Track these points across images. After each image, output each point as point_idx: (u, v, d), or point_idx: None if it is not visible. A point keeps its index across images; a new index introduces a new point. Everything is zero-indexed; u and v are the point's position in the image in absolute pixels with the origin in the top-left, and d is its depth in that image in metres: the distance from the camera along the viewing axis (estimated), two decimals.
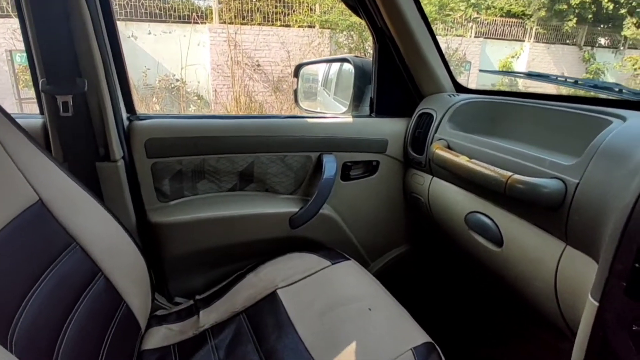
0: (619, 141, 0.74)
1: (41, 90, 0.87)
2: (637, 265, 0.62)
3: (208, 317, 0.96)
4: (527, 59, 9.49)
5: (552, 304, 0.85)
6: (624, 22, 9.19)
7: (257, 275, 1.06)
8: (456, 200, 1.09)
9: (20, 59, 6.10)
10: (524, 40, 9.72)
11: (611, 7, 8.94)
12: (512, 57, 9.28)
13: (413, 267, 1.45)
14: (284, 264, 1.08)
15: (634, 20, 9.03)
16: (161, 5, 7.62)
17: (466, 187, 1.05)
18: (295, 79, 1.53)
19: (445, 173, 1.10)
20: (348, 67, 1.32)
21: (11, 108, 6.06)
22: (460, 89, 1.26)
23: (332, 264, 1.06)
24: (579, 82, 1.01)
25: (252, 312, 0.95)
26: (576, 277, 0.77)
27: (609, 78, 9.66)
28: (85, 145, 0.94)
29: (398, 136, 1.25)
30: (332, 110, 1.74)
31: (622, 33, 9.31)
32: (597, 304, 0.67)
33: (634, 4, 8.96)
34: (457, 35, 8.05)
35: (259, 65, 7.33)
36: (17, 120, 0.72)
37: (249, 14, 7.94)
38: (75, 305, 0.70)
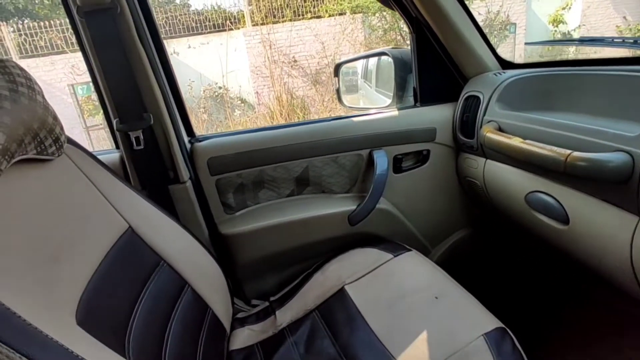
0: None
1: (116, 129, 0.98)
2: None
3: (284, 316, 1.04)
4: (582, 8, 8.67)
5: (629, 277, 0.82)
6: None
7: (323, 274, 1.12)
8: (514, 181, 1.07)
9: (82, 91, 6.68)
10: None
11: None
12: (563, 9, 8.51)
13: (475, 250, 1.44)
14: (348, 261, 1.13)
15: None
16: (196, 17, 7.93)
17: (523, 168, 1.03)
18: (336, 79, 1.56)
19: (500, 155, 1.08)
20: (387, 59, 1.32)
21: (79, 136, 6.66)
22: (505, 65, 1.22)
23: (395, 256, 1.09)
24: (638, 41, 0.94)
25: (324, 309, 1.01)
26: None
27: None
28: (157, 171, 1.05)
29: (446, 122, 1.24)
30: (375, 103, 1.74)
31: None
32: None
33: None
34: None
35: (295, 61, 7.41)
36: (98, 157, 0.83)
37: (279, 12, 8.02)
38: (171, 315, 0.80)
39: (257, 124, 6.06)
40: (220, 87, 7.29)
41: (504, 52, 7.32)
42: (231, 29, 7.39)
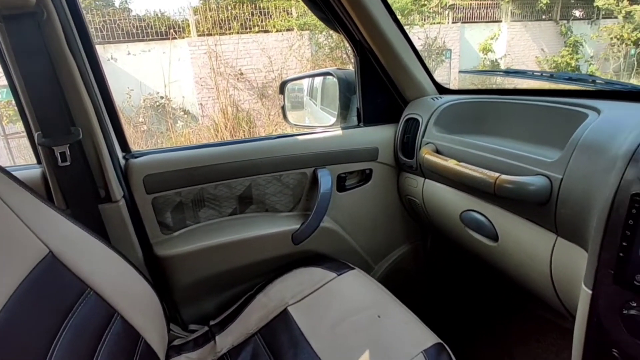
0: (595, 136, 0.78)
1: (37, 143, 0.89)
2: (621, 254, 0.66)
3: (224, 341, 0.99)
4: (507, 39, 9.57)
5: (551, 291, 0.89)
6: None
7: (266, 295, 1.09)
8: (450, 200, 1.12)
9: (1, 95, 6.06)
10: (501, 21, 9.80)
11: None
12: (492, 38, 9.35)
13: (415, 266, 1.49)
14: (291, 281, 1.12)
15: None
16: (137, 23, 7.60)
17: (458, 188, 1.09)
18: (282, 96, 1.56)
19: (437, 176, 1.13)
20: (332, 79, 1.35)
21: None
22: (442, 90, 1.30)
23: (338, 275, 1.10)
24: (554, 75, 1.05)
25: (267, 332, 0.98)
26: (569, 267, 0.81)
27: (587, 49, 9.78)
28: (86, 189, 0.96)
29: (388, 143, 1.29)
30: (320, 120, 1.77)
31: (595, 4, 9.42)
32: (590, 291, 0.71)
33: None
34: (436, 23, 8.11)
35: (241, 73, 7.34)
36: (15, 173, 0.74)
37: (226, 23, 7.94)
38: (97, 348, 0.73)
39: (200, 136, 5.88)
40: (162, 97, 7.00)
41: (441, 74, 7.84)
42: (175, 38, 7.16)
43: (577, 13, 10.57)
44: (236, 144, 1.15)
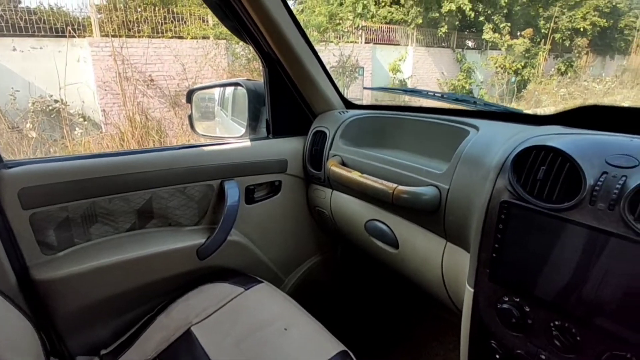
0: (474, 150, 0.88)
1: None
2: (494, 255, 0.75)
3: None
4: (413, 61, 10.46)
5: (444, 293, 0.97)
6: (484, 28, 10.69)
7: (168, 316, 1.02)
8: (355, 210, 1.17)
9: None
10: (407, 45, 10.69)
11: (472, 15, 10.33)
12: (400, 60, 10.14)
13: (325, 276, 1.52)
14: (196, 298, 1.06)
15: (491, 26, 10.56)
16: (26, 17, 6.74)
17: (362, 198, 1.14)
18: (189, 105, 1.49)
19: (343, 187, 1.18)
20: (242, 90, 1.33)
21: None
22: (349, 105, 1.36)
23: (245, 289, 1.07)
24: (444, 95, 1.17)
25: (167, 356, 0.91)
26: (457, 268, 0.89)
27: (478, 75, 11.13)
28: None
29: (297, 154, 1.30)
30: (231, 131, 1.73)
31: (483, 37, 10.80)
32: (472, 290, 0.79)
33: (489, 12, 10.47)
34: (350, 42, 8.55)
35: (152, 80, 6.91)
36: None
37: (135, 26, 7.44)
38: None
39: (102, 146, 5.37)
40: (56, 101, 6.26)
41: (355, 89, 8.25)
42: (74, 36, 6.49)
43: (469, 43, 11.99)
44: (135, 154, 1.06)
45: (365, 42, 9.81)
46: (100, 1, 7.45)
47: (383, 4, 11.03)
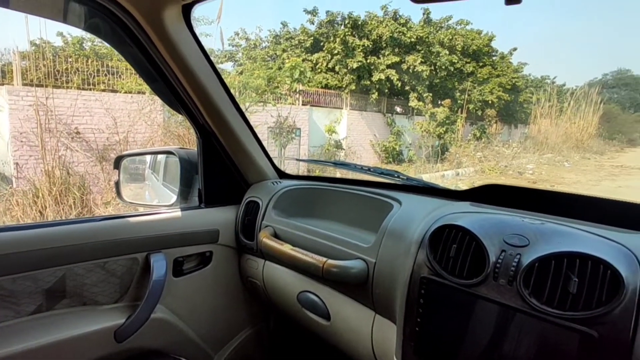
0: (397, 224, 0.94)
1: None
2: (417, 329, 0.79)
3: None
4: (347, 123, 11.12)
5: None
6: (409, 96, 11.86)
7: None
8: (288, 281, 1.17)
9: None
10: (342, 108, 11.41)
11: (399, 84, 11.47)
12: (335, 122, 10.73)
13: (259, 349, 1.45)
14: None
15: (416, 95, 11.76)
16: None
17: (295, 269, 1.14)
18: (117, 171, 1.44)
19: (275, 258, 1.18)
20: (175, 158, 1.32)
21: None
22: (282, 175, 1.40)
23: None
24: (371, 169, 1.26)
25: None
26: (385, 341, 0.91)
27: (407, 138, 12.09)
28: None
29: (229, 224, 1.29)
30: (162, 196, 1.68)
31: (410, 104, 11.94)
32: None
33: (413, 83, 11.71)
34: (288, 104, 8.93)
35: (78, 132, 6.53)
36: None
37: (64, 76, 7.13)
38: None
39: (10, 202, 4.83)
40: None
41: (292, 148, 8.48)
42: None
43: (398, 109, 13.12)
44: (45, 227, 0.98)
45: (303, 104, 10.30)
46: (27, 48, 7.10)
47: (319, 70, 11.82)
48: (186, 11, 1.01)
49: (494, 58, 15.57)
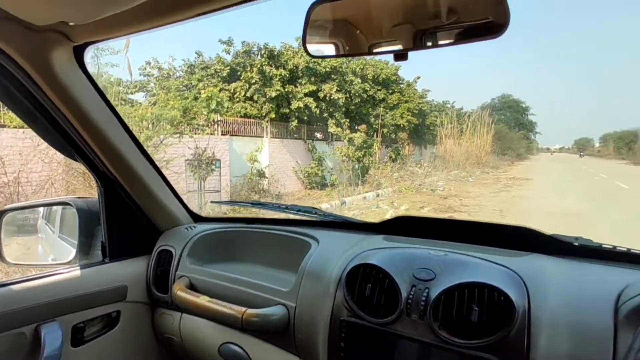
0: (315, 264, 0.94)
1: None
2: None
3: None
4: (269, 151, 11.12)
5: None
6: (328, 122, 12.32)
7: None
8: (208, 334, 1.09)
9: None
10: (263, 137, 11.41)
11: (318, 111, 11.87)
12: (256, 151, 10.67)
13: None
14: None
15: (334, 121, 12.26)
16: None
17: (214, 320, 1.08)
18: None
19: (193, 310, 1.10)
20: (72, 209, 1.19)
21: None
22: (197, 218, 1.34)
23: None
24: (289, 207, 1.26)
25: None
26: None
27: (329, 163, 12.45)
28: None
29: (139, 278, 1.18)
30: (58, 251, 1.48)
31: (329, 130, 12.39)
32: None
33: (331, 110, 12.23)
34: (206, 135, 8.68)
35: None
36: None
37: None
38: None
39: None
40: None
41: (213, 179, 8.19)
42: None
43: (318, 135, 13.52)
44: None
45: (222, 134, 10.10)
46: None
47: (238, 99, 11.76)
48: (78, 52, 0.94)
49: (401, 85, 16.98)
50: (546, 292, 0.72)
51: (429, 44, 0.64)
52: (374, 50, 0.72)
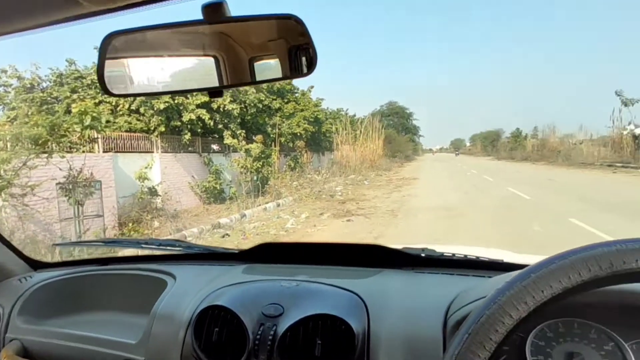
0: (169, 305, 0.88)
1: None
2: None
3: None
4: (161, 167, 10.36)
5: None
6: (224, 134, 11.96)
7: None
8: None
9: None
10: (153, 152, 10.59)
11: (212, 123, 11.45)
12: (146, 167, 9.85)
13: None
14: None
15: (229, 132, 11.95)
16: None
17: None
18: None
19: None
20: None
21: None
22: (37, 265, 1.16)
23: None
24: (147, 242, 1.17)
25: None
26: None
27: (227, 175, 12.09)
28: None
29: None
30: None
31: (225, 142, 12.04)
32: None
33: (226, 121, 11.90)
34: (82, 153, 7.73)
35: None
36: None
37: None
38: None
39: None
40: None
41: (93, 203, 7.32)
42: None
43: (214, 147, 13.05)
44: None
45: (104, 152, 9.13)
46: None
47: (121, 112, 10.75)
48: None
49: (296, 94, 17.37)
50: (386, 310, 0.76)
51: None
52: (187, 88, 0.69)
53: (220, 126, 12.00)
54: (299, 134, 15.87)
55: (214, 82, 0.63)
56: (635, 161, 18.72)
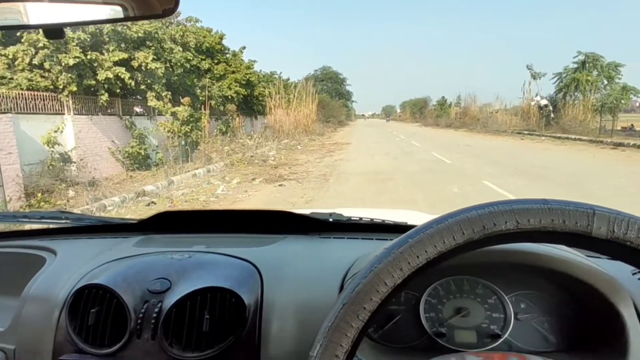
0: (43, 284, 0.79)
1: None
2: None
3: None
4: (75, 131, 9.38)
5: None
6: (147, 96, 11.05)
7: None
8: None
9: None
10: (64, 114, 9.52)
11: (133, 83, 10.48)
12: (56, 131, 8.85)
13: None
14: None
15: (154, 94, 11.05)
16: None
17: None
18: None
19: None
20: None
21: None
22: None
23: None
24: (28, 215, 1.06)
25: None
26: None
27: (152, 140, 11.32)
28: None
29: None
30: None
31: (148, 104, 11.16)
32: None
33: (149, 81, 10.95)
34: None
35: None
36: None
37: None
38: None
39: None
40: None
41: None
42: None
43: (137, 109, 12.06)
44: None
45: (1, 113, 8.01)
46: None
47: (20, 67, 9.40)
48: None
49: (227, 55, 16.46)
50: (282, 278, 0.74)
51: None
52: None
53: (143, 87, 11.05)
54: (230, 97, 15.23)
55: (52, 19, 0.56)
56: (539, 129, 20.87)
